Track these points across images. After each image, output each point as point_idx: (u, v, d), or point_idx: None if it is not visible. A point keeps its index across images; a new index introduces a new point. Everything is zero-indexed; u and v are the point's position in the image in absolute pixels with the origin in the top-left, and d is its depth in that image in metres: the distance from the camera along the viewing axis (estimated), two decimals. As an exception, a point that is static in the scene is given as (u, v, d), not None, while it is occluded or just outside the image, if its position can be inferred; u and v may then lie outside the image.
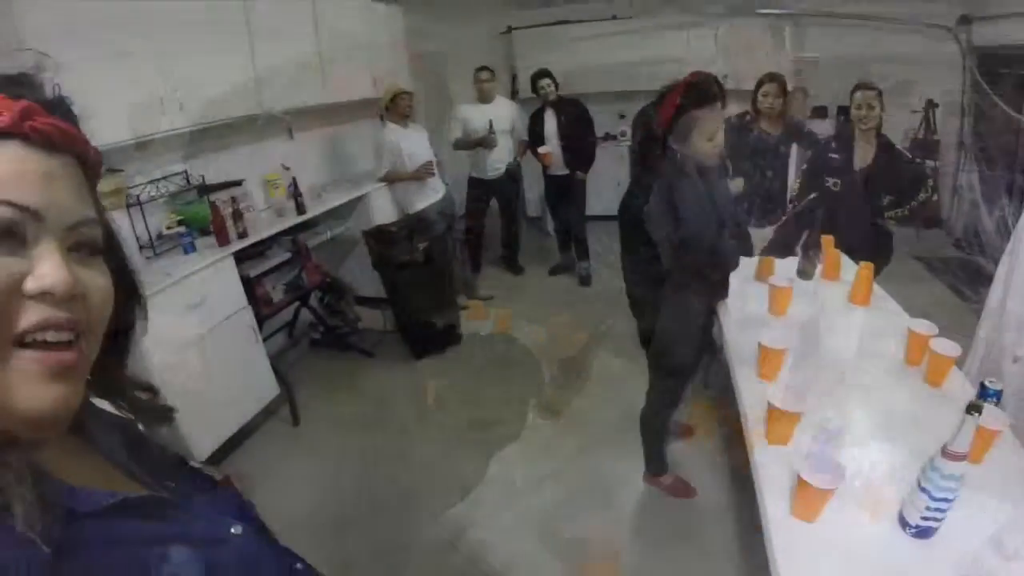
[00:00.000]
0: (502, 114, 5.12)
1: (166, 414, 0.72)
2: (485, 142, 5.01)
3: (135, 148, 3.09)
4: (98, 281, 0.53)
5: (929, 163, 5.20)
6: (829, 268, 2.74)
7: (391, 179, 4.69)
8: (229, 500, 0.72)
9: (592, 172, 5.21)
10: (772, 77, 3.43)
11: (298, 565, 0.73)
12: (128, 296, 0.62)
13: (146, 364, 2.55)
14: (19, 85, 0.52)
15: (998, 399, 1.66)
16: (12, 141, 0.47)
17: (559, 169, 5.16)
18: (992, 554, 1.22)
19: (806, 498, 1.39)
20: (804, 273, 2.41)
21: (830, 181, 3.14)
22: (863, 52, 5.57)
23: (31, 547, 0.43)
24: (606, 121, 6.71)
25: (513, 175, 5.40)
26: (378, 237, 4.23)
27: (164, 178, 3.47)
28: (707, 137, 2.07)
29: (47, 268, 0.47)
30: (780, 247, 2.43)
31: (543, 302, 5.16)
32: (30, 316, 0.47)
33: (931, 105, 5.74)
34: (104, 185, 3.10)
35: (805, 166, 3.42)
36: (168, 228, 3.39)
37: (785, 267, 2.59)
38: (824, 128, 5.72)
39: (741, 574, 2.39)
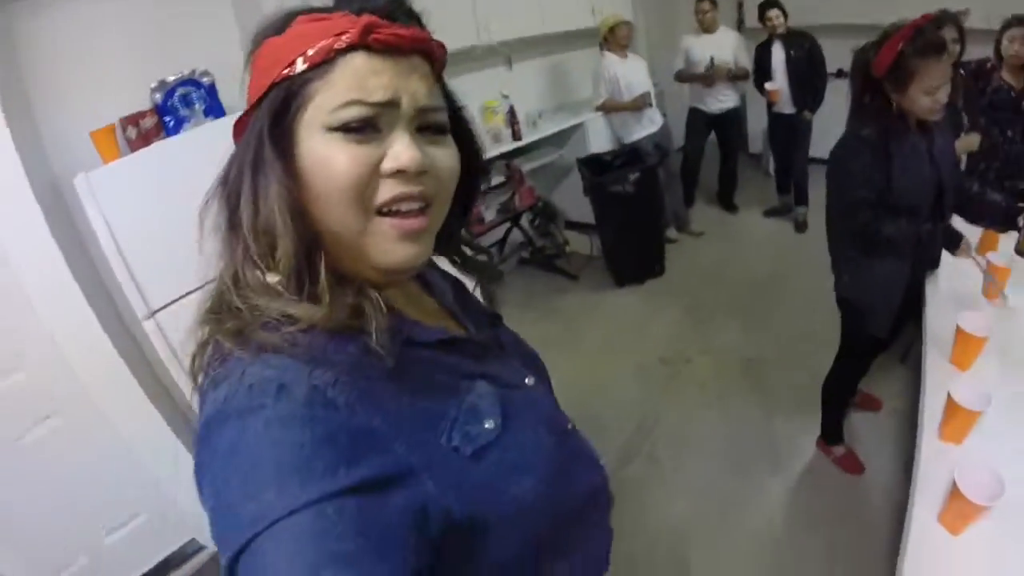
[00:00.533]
0: (724, 45, 4.86)
1: (496, 274, 0.91)
2: (705, 80, 4.80)
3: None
4: (445, 157, 0.65)
5: None
6: None
7: (608, 109, 4.70)
8: (529, 356, 0.88)
9: (820, 111, 4.81)
10: (1019, 20, 2.83)
11: (569, 425, 0.83)
12: (472, 168, 0.74)
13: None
14: None
15: None
16: (359, 52, 0.58)
17: (785, 107, 4.81)
18: None
19: (957, 508, 1.29)
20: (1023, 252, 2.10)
21: None
22: None
23: (379, 358, 0.58)
24: (838, 55, 5.92)
25: (736, 109, 5.15)
26: (591, 165, 4.32)
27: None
28: (927, 91, 1.85)
29: (399, 150, 0.59)
30: (1003, 218, 2.12)
31: (754, 243, 4.99)
32: (386, 191, 0.60)
33: None
34: None
35: None
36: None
37: (1010, 243, 2.27)
38: None
39: (884, 567, 2.25)
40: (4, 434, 2.17)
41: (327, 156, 0.58)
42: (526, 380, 0.77)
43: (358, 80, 0.58)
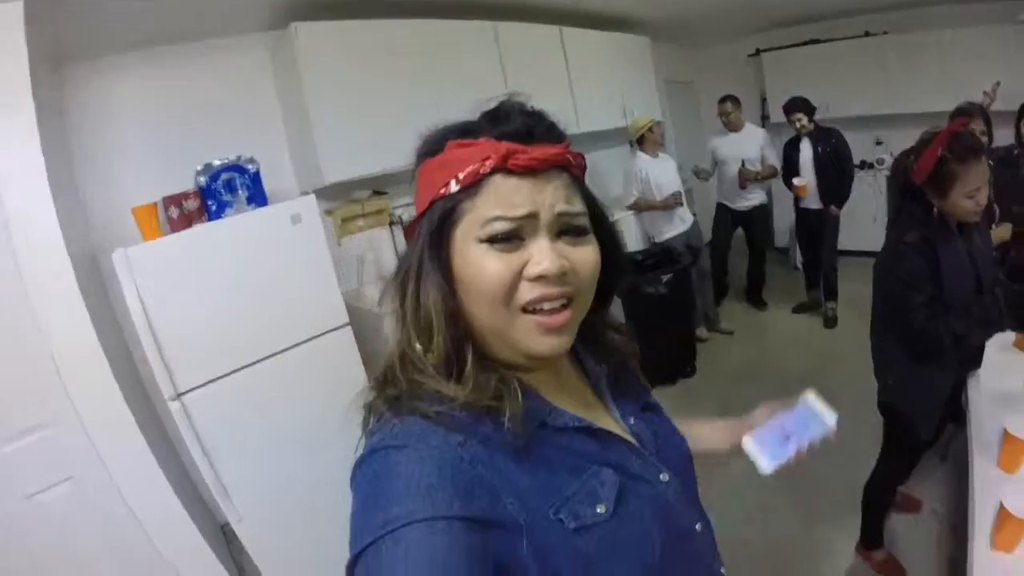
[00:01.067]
0: (751, 143, 4.98)
1: (633, 352, 0.96)
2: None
3: (403, 174, 3.44)
4: (585, 256, 0.72)
5: None
6: None
7: (639, 208, 4.77)
8: (675, 449, 0.90)
9: (846, 204, 4.85)
10: None
11: (697, 526, 0.84)
12: (614, 261, 0.81)
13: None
14: (500, 119, 0.73)
15: None
16: (499, 174, 0.68)
17: (813, 202, 4.86)
18: None
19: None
20: None
21: None
22: None
23: (511, 437, 0.67)
24: (862, 147, 6.11)
25: (763, 206, 5.23)
26: None
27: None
28: (968, 195, 1.86)
29: (539, 257, 0.68)
30: None
31: (785, 340, 4.93)
32: (530, 293, 0.68)
33: None
34: (369, 206, 3.59)
35: None
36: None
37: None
38: None
39: None
40: (21, 490, 2.19)
41: (478, 263, 0.68)
42: (660, 476, 0.80)
43: (500, 198, 0.67)
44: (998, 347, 2.28)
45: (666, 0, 5.08)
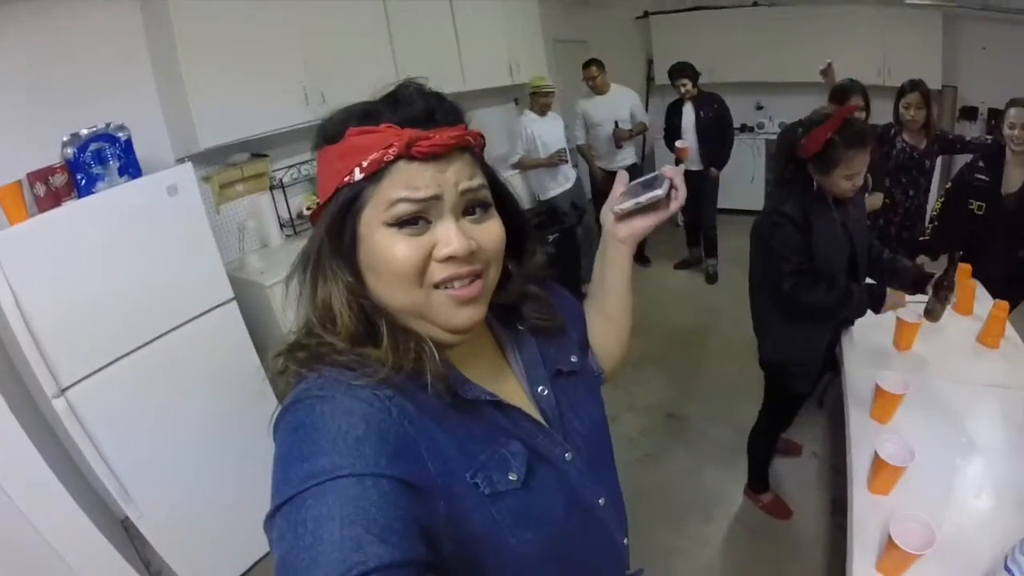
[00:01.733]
0: (621, 104, 5.09)
1: (553, 321, 0.93)
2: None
3: (281, 136, 3.36)
4: (490, 231, 0.73)
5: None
6: (963, 301, 2.57)
7: (525, 166, 4.77)
8: (587, 415, 0.90)
9: (726, 166, 5.08)
10: (913, 85, 3.17)
11: (601, 500, 0.86)
12: (519, 231, 0.83)
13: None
14: (400, 103, 0.71)
15: None
16: (403, 160, 0.67)
17: (693, 164, 5.00)
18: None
19: (894, 559, 1.39)
20: (931, 314, 2.28)
21: (974, 204, 2.91)
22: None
23: (435, 398, 0.68)
24: (743, 112, 6.50)
25: (635, 166, 5.35)
26: None
27: (304, 162, 3.76)
28: (848, 177, 2.01)
29: (447, 239, 0.68)
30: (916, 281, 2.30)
31: (669, 296, 5.15)
32: (441, 273, 0.69)
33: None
34: (249, 169, 3.44)
35: (949, 185, 3.17)
36: (308, 209, 3.71)
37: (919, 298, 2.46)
38: (973, 132, 5.34)
39: None
40: None
41: (387, 248, 0.68)
42: (565, 455, 0.81)
43: (404, 181, 0.67)
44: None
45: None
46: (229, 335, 2.66)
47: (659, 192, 0.92)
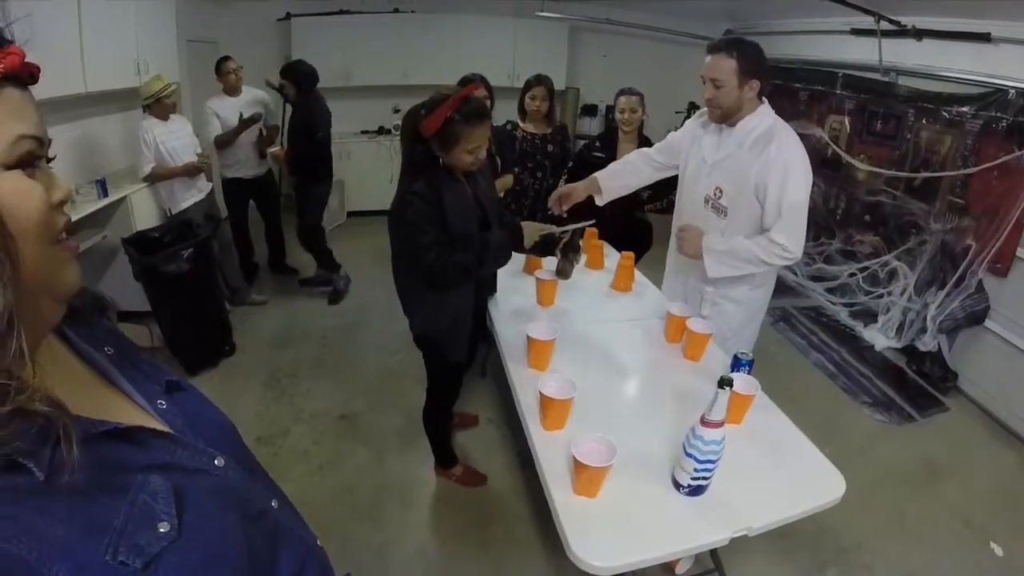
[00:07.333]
0: (252, 105, 4.73)
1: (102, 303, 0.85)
2: (244, 126, 4.57)
3: None
4: None
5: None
6: (592, 258, 3.04)
7: (159, 177, 4.21)
8: (218, 428, 0.79)
9: (362, 167, 5.05)
10: (539, 80, 3.59)
11: (273, 503, 0.76)
12: None
13: None
14: None
15: (750, 368, 1.96)
16: (11, 85, 0.54)
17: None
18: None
19: (585, 478, 1.53)
20: (562, 273, 2.62)
21: None
22: (635, 56, 6.97)
23: (28, 474, 0.49)
24: (380, 114, 6.88)
25: (270, 170, 5.08)
26: (139, 245, 3.77)
27: None
28: (470, 151, 2.14)
29: (57, 180, 0.58)
30: (543, 246, 2.57)
31: (316, 301, 5.01)
32: (61, 220, 0.58)
33: (693, 107, 6.44)
34: None
35: (571, 163, 3.71)
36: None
37: (552, 261, 2.76)
38: (593, 126, 7.14)
39: (544, 549, 2.57)
40: None
41: (20, 192, 0.53)
42: (215, 462, 0.68)
43: (19, 113, 0.54)
44: (510, 273, 2.76)
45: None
46: None
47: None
